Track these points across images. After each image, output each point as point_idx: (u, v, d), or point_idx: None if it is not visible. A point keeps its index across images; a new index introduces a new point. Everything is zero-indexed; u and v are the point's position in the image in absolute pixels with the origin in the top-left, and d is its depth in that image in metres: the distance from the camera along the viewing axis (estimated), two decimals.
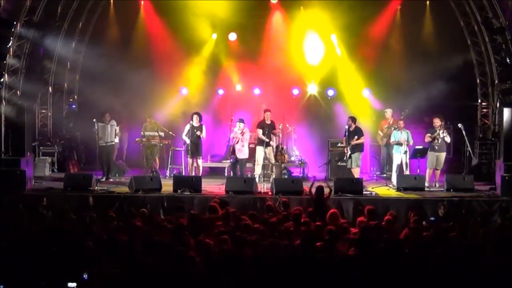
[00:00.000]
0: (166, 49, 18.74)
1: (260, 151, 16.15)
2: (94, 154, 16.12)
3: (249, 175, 16.39)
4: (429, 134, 15.62)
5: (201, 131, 15.84)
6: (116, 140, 16.40)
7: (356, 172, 15.80)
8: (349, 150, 15.79)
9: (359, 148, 15.89)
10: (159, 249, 8.62)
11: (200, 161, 15.97)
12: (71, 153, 18.48)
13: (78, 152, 18.60)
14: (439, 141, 15.50)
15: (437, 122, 15.62)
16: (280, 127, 16.76)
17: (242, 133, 15.73)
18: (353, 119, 16.02)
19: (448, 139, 15.71)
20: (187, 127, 15.92)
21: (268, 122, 16.33)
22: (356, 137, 15.76)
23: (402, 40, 18.52)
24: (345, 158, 16.07)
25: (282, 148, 16.65)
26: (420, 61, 18.11)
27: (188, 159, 15.98)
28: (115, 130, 16.19)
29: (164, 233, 9.57)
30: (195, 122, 15.82)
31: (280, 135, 16.81)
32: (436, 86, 17.71)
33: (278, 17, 19.10)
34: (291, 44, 19.11)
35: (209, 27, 18.99)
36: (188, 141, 15.87)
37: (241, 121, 15.88)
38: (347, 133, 15.98)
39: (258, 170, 16.18)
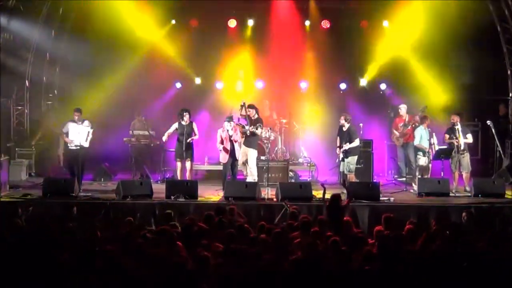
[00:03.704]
0: (158, 37, 18.73)
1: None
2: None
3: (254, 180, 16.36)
4: (447, 134, 15.58)
5: (194, 131, 15.73)
6: (87, 144, 15.54)
7: (351, 178, 15.63)
8: (341, 153, 15.69)
9: (353, 152, 15.68)
10: (151, 263, 8.57)
11: (188, 164, 15.78)
12: (51, 155, 18.45)
13: (59, 154, 18.55)
14: (460, 142, 15.43)
15: (455, 119, 15.56)
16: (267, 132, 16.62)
17: (235, 132, 15.60)
18: (346, 118, 15.80)
19: (470, 138, 15.62)
20: (174, 125, 15.75)
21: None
22: (348, 142, 15.53)
23: (425, 25, 18.38)
24: (336, 161, 16.02)
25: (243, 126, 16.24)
26: (444, 50, 18.02)
27: (177, 162, 15.89)
28: (88, 132, 15.54)
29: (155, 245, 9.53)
30: (185, 120, 15.71)
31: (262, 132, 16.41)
32: (461, 78, 17.67)
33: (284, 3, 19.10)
34: (297, 33, 19.08)
35: (204, 14, 18.97)
36: (164, 139, 15.74)
37: (230, 119, 15.76)
38: (340, 133, 15.87)
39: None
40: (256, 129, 15.65)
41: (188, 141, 15.56)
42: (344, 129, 15.71)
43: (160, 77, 18.95)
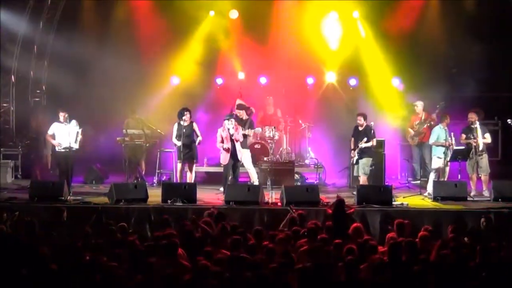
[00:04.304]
0: (153, 30, 18.74)
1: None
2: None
3: (253, 182, 16.39)
4: (464, 134, 15.56)
5: (195, 132, 15.76)
6: (77, 146, 15.49)
7: (364, 181, 15.72)
8: (356, 154, 15.73)
9: (368, 152, 15.75)
10: (146, 272, 8.60)
11: (190, 166, 15.87)
12: (38, 156, 18.48)
13: (47, 154, 18.58)
14: (478, 142, 15.41)
15: (473, 118, 15.55)
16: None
17: (237, 131, 15.62)
18: (364, 116, 15.88)
19: (488, 138, 15.61)
20: (175, 127, 15.85)
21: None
22: (365, 138, 15.62)
23: (441, 17, 18.36)
24: (351, 163, 16.05)
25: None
26: (463, 43, 18.01)
27: (178, 164, 15.95)
28: (77, 132, 15.49)
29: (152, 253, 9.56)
30: (185, 120, 15.76)
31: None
32: (481, 73, 17.66)
33: None
34: (305, 23, 19.07)
35: (205, 3, 18.98)
36: (179, 144, 15.76)
37: (231, 116, 15.79)
38: (355, 133, 15.89)
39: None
40: (248, 130, 15.89)
41: (197, 144, 15.74)
42: (361, 128, 15.75)
43: (156, 72, 18.95)
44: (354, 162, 15.81)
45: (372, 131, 15.71)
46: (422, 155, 16.97)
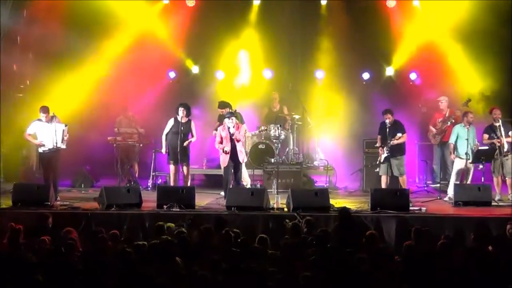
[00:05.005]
0: (148, 19, 18.77)
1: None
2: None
3: (258, 185, 16.38)
4: (486, 134, 15.55)
5: (192, 132, 15.77)
6: (63, 146, 15.57)
7: (404, 182, 15.81)
8: (385, 151, 15.76)
9: (401, 150, 15.85)
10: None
11: (185, 169, 15.87)
12: (22, 156, 18.49)
13: (31, 156, 18.60)
14: (502, 142, 15.39)
15: (497, 114, 15.53)
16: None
17: (237, 130, 15.61)
18: (391, 112, 15.90)
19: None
20: (170, 122, 15.87)
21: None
22: (399, 134, 15.68)
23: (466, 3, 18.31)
24: (378, 162, 16.05)
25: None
26: (489, 31, 17.94)
27: (171, 166, 15.95)
28: (63, 131, 15.47)
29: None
30: (181, 117, 15.76)
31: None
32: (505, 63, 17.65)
33: None
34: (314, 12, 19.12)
35: None
36: (164, 141, 15.84)
37: (231, 114, 15.77)
38: (387, 129, 15.88)
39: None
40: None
41: (184, 144, 15.63)
42: (389, 124, 15.79)
43: (151, 66, 18.96)
44: (382, 160, 15.84)
45: (404, 127, 15.84)
46: (443, 155, 16.94)
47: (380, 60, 19.27)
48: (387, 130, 15.78)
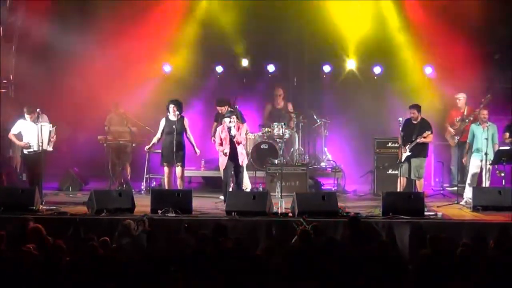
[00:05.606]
0: (140, 7, 18.77)
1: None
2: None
3: (260, 188, 16.37)
4: (507, 133, 15.54)
5: (185, 129, 15.75)
6: (50, 148, 15.65)
7: (421, 186, 15.80)
8: (407, 150, 15.74)
9: (424, 150, 15.86)
10: None
11: (179, 170, 15.85)
12: (5, 159, 18.49)
13: (15, 157, 18.59)
14: None
15: None
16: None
17: (239, 130, 15.61)
18: (418, 108, 15.93)
19: None
20: (162, 123, 15.88)
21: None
22: (427, 131, 15.67)
23: None
24: (398, 161, 16.02)
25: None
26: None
27: (165, 168, 15.97)
28: (50, 132, 15.51)
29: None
30: (172, 115, 15.75)
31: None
32: None
33: None
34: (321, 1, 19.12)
35: None
36: (155, 141, 15.92)
37: (231, 113, 15.76)
38: (407, 127, 15.87)
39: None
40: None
41: (197, 154, 15.94)
42: (416, 121, 15.81)
43: (144, 58, 18.95)
44: (403, 159, 15.82)
45: (431, 126, 15.88)
46: (462, 157, 16.93)
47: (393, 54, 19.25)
48: (413, 127, 15.80)
